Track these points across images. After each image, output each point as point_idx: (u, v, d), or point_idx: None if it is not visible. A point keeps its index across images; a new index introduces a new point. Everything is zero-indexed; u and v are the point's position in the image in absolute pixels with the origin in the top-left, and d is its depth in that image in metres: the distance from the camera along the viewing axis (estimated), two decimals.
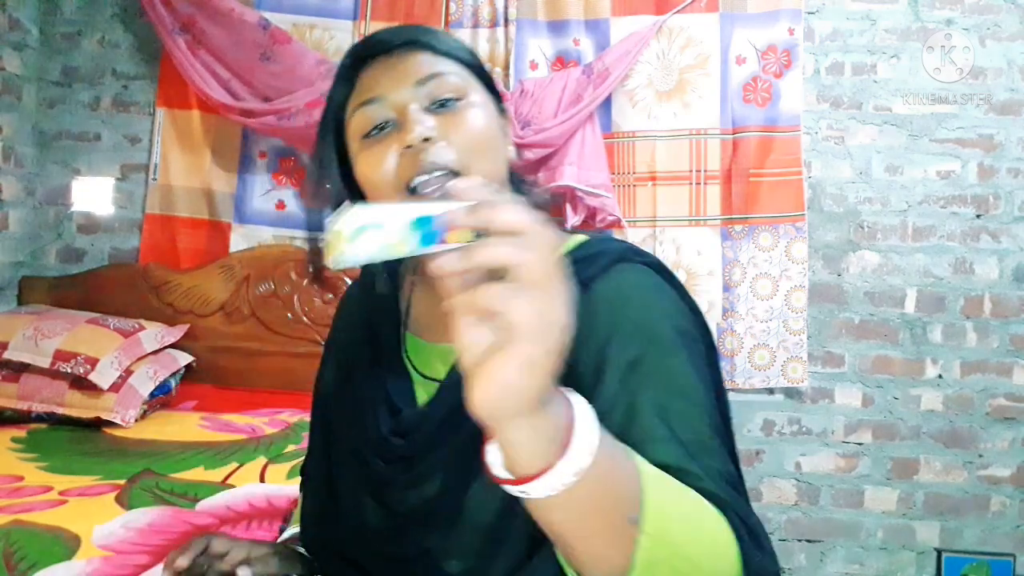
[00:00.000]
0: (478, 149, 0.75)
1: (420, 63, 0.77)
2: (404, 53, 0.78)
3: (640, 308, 0.72)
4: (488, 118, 0.77)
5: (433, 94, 0.76)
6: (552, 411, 0.51)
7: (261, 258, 2.55)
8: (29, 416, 2.09)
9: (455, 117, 0.75)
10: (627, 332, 0.70)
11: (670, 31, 2.49)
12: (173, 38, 2.46)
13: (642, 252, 0.78)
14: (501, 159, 0.78)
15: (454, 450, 0.74)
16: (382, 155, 0.75)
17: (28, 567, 1.27)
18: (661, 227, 2.49)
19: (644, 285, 0.74)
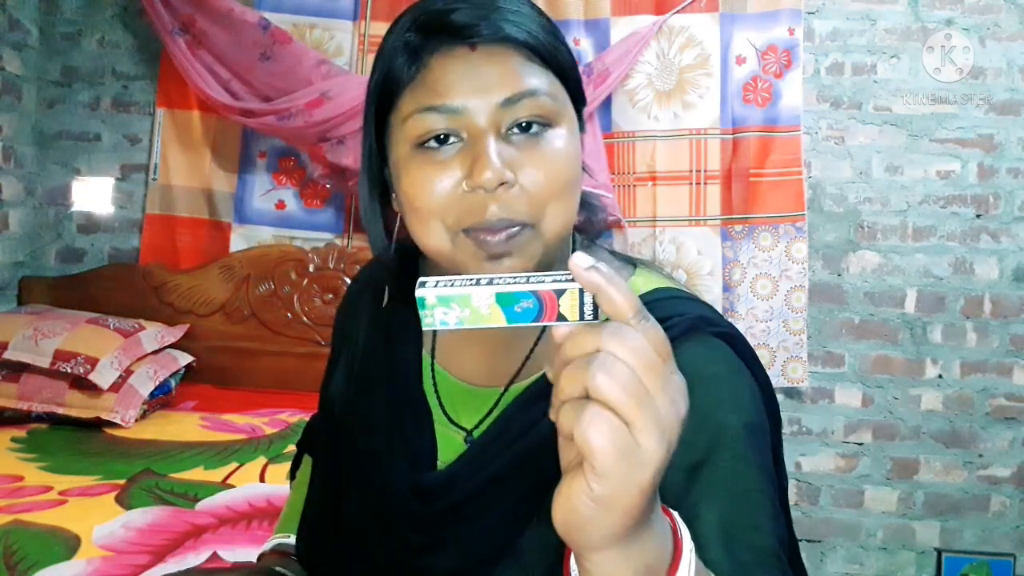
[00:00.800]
0: (556, 198, 0.62)
1: (513, 72, 0.61)
2: (493, 49, 0.61)
3: (708, 399, 0.59)
4: (575, 154, 0.64)
5: (520, 116, 0.61)
6: (647, 543, 0.44)
7: (261, 258, 2.55)
8: (29, 416, 2.08)
9: (539, 154, 0.61)
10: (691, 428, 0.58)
11: (670, 31, 2.49)
12: (173, 38, 2.46)
13: (717, 320, 0.66)
14: (577, 197, 0.65)
15: (485, 526, 0.65)
16: (437, 180, 0.61)
17: (28, 567, 1.27)
18: (661, 227, 2.49)
19: (715, 367, 0.63)
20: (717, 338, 0.65)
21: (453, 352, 0.74)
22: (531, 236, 0.62)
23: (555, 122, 0.63)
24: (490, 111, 0.61)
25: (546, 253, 0.63)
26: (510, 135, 0.62)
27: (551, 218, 0.62)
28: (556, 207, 0.62)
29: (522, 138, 0.62)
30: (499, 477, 0.65)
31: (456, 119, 0.61)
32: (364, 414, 0.76)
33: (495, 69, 0.61)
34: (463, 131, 0.61)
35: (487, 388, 0.70)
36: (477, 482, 0.66)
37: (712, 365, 0.63)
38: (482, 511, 0.66)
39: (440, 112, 0.61)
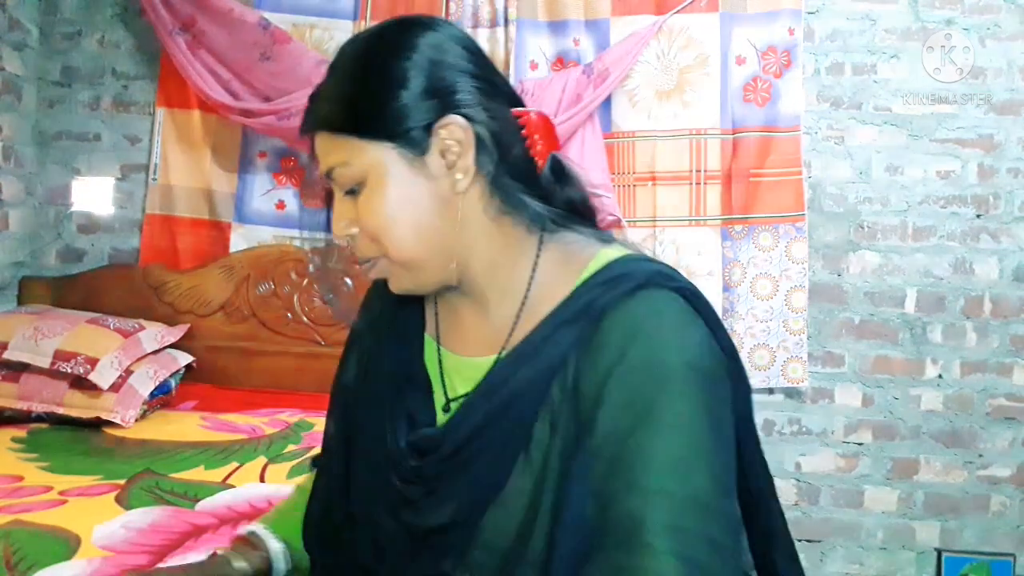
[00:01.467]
0: (386, 236, 0.73)
1: (323, 152, 0.74)
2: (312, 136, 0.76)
3: (652, 341, 0.65)
4: (389, 199, 0.72)
5: (341, 184, 0.74)
6: None
7: (261, 258, 2.55)
8: (29, 416, 2.08)
9: (361, 209, 0.73)
10: (631, 368, 0.65)
11: (670, 31, 2.49)
12: (173, 38, 2.46)
13: (673, 276, 0.71)
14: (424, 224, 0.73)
15: (473, 475, 0.72)
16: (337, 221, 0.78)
17: (28, 567, 1.27)
18: (661, 227, 2.49)
19: (663, 315, 0.68)
20: (672, 292, 0.69)
21: (451, 330, 0.82)
22: (387, 263, 0.75)
23: (363, 182, 0.73)
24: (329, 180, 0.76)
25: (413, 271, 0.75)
26: (346, 195, 0.75)
27: (393, 251, 0.73)
28: (392, 243, 0.73)
29: (352, 197, 0.74)
30: (481, 427, 0.72)
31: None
32: (371, 394, 0.83)
33: (317, 150, 0.75)
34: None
35: (484, 358, 0.77)
36: (463, 433, 0.73)
37: (661, 313, 0.68)
38: (469, 461, 0.72)
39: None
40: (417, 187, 0.72)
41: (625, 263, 0.73)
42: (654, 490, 0.61)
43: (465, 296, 0.79)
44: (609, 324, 0.68)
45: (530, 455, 0.70)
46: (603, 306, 0.68)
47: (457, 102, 0.72)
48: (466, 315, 0.80)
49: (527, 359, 0.71)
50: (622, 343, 0.66)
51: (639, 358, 0.65)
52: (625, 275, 0.70)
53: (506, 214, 0.75)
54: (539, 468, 0.69)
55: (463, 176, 0.72)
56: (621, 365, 0.65)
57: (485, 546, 0.71)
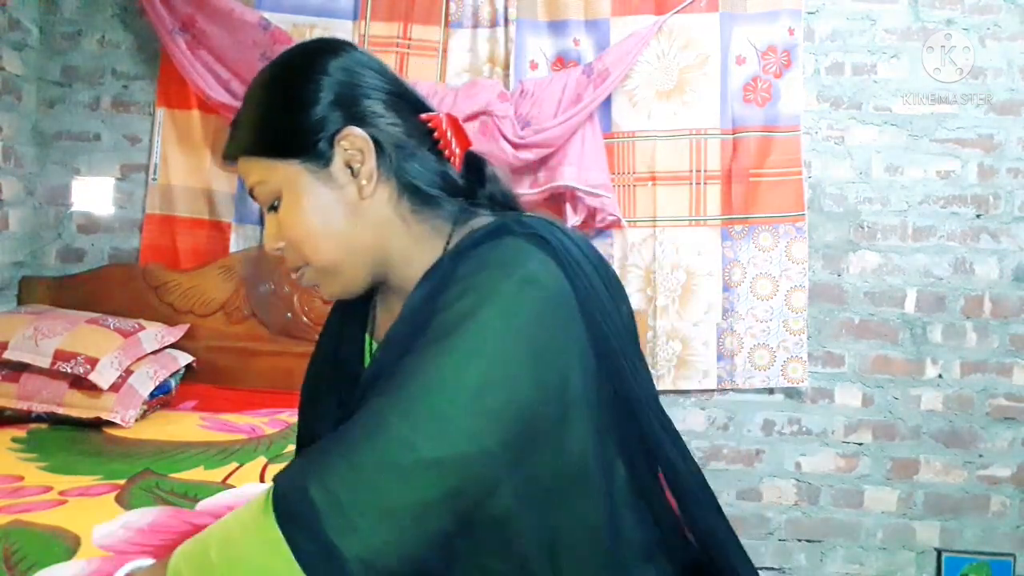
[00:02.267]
0: (305, 245, 0.79)
1: (243, 173, 0.82)
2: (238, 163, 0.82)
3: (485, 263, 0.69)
4: (305, 210, 0.78)
5: (262, 202, 0.81)
6: None
7: (261, 258, 2.55)
8: (29, 416, 2.08)
9: (281, 223, 0.80)
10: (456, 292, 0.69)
11: (670, 31, 2.49)
12: (173, 38, 2.46)
13: (529, 224, 0.73)
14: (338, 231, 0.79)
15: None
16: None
17: (28, 567, 1.27)
18: (661, 227, 2.49)
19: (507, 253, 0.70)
20: (527, 236, 0.71)
21: (385, 324, 0.87)
22: (312, 271, 0.81)
23: (280, 196, 0.79)
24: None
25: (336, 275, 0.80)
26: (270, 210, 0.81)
27: (314, 258, 0.79)
28: (310, 251, 0.79)
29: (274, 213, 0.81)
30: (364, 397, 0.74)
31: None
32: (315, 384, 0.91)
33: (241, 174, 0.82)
34: None
35: None
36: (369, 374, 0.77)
37: (504, 251, 0.70)
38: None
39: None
40: (326, 196, 0.78)
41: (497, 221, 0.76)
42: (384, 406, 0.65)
43: (394, 292, 0.84)
44: (453, 265, 0.72)
45: None
46: (454, 253, 0.74)
47: (356, 115, 0.78)
48: (396, 310, 0.81)
49: (398, 324, 0.75)
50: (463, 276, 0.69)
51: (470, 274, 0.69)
52: (480, 229, 0.75)
53: (417, 212, 0.80)
54: None
55: (367, 182, 0.78)
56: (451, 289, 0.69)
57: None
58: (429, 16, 2.54)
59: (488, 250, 0.71)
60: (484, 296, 0.66)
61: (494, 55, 2.54)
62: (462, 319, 0.65)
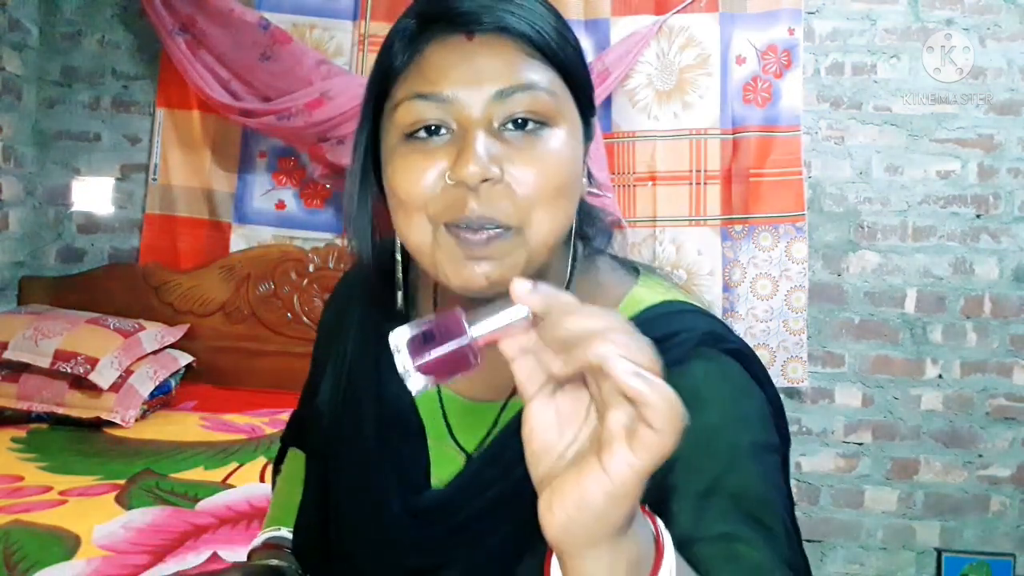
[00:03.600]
0: (546, 202, 0.58)
1: (510, 63, 0.59)
2: (491, 39, 0.59)
3: (717, 419, 0.58)
4: (571, 157, 0.60)
5: (514, 111, 0.58)
6: (633, 543, 0.43)
7: (261, 258, 2.55)
8: (29, 416, 2.08)
9: (532, 152, 0.58)
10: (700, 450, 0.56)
11: (670, 31, 2.49)
12: (173, 38, 2.46)
13: (727, 336, 0.64)
14: (571, 208, 0.62)
15: (486, 551, 0.63)
16: (422, 171, 0.59)
17: (28, 567, 1.27)
18: (661, 227, 2.49)
19: (725, 386, 0.61)
20: (727, 355, 0.63)
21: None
22: (515, 242, 0.59)
23: (553, 121, 0.60)
24: (482, 102, 0.58)
25: (531, 261, 0.60)
26: (503, 130, 0.59)
27: (538, 224, 0.59)
28: (545, 212, 0.59)
29: (516, 135, 0.59)
30: (499, 500, 0.63)
31: (446, 108, 0.59)
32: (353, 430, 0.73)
33: (491, 60, 0.59)
34: (453, 122, 0.59)
35: (487, 403, 0.68)
36: (477, 505, 0.64)
37: (722, 384, 0.61)
38: (483, 535, 0.64)
39: (430, 100, 0.59)
40: (579, 165, 0.63)
41: (676, 319, 0.64)
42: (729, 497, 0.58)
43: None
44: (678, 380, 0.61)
45: None
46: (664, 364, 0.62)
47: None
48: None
49: None
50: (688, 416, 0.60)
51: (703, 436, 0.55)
52: (682, 332, 0.62)
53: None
54: None
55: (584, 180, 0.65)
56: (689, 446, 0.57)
57: None
58: None
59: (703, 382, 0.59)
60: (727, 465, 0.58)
61: None
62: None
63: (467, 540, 0.64)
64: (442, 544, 0.66)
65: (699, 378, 0.59)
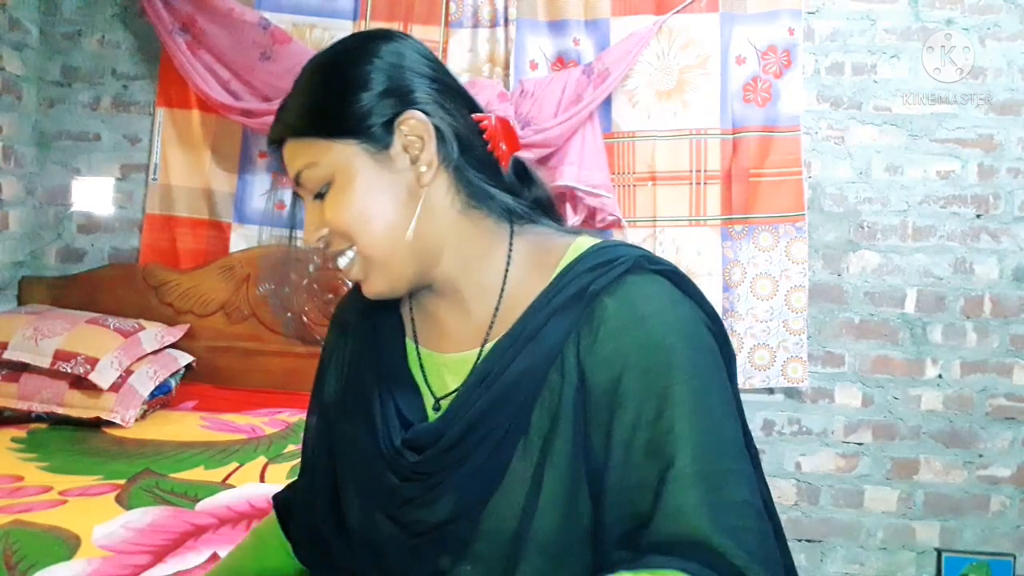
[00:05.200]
0: (356, 230, 0.74)
1: (290, 158, 0.77)
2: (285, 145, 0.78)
3: (658, 328, 0.69)
4: (352, 193, 0.74)
5: (309, 188, 0.76)
6: None
7: (261, 258, 2.55)
8: (29, 416, 2.09)
9: (328, 208, 0.75)
10: (645, 362, 0.68)
11: (670, 31, 2.49)
12: (173, 38, 2.46)
13: (656, 259, 0.75)
14: (387, 217, 0.75)
15: (473, 465, 0.73)
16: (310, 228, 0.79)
17: (28, 567, 1.27)
18: (661, 227, 2.49)
19: (659, 299, 0.71)
20: (658, 275, 0.73)
21: (429, 330, 0.83)
22: (360, 263, 0.76)
23: (331, 181, 0.75)
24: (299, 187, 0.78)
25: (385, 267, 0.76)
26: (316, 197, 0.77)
27: (365, 245, 0.75)
28: (362, 236, 0.74)
29: (320, 200, 0.76)
30: (480, 418, 0.73)
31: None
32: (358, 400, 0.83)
33: (287, 158, 0.78)
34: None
35: (467, 352, 0.78)
36: (462, 426, 0.73)
37: (656, 298, 0.72)
38: (469, 452, 0.73)
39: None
40: (383, 180, 0.75)
41: (607, 249, 0.76)
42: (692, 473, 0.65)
43: (440, 296, 0.80)
44: (604, 309, 0.71)
45: (529, 440, 0.71)
46: (596, 291, 0.71)
47: (416, 100, 0.75)
48: (443, 314, 0.81)
49: (521, 347, 0.73)
50: (626, 333, 0.69)
51: (649, 350, 0.68)
52: (613, 260, 0.73)
53: (474, 207, 0.77)
54: (538, 452, 0.71)
55: (427, 168, 0.75)
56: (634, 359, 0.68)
57: (487, 536, 0.72)
58: (429, 16, 2.54)
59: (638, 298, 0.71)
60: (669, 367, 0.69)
61: (494, 55, 2.54)
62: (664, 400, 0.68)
63: (456, 459, 0.74)
64: (435, 467, 0.75)
65: (636, 293, 0.71)
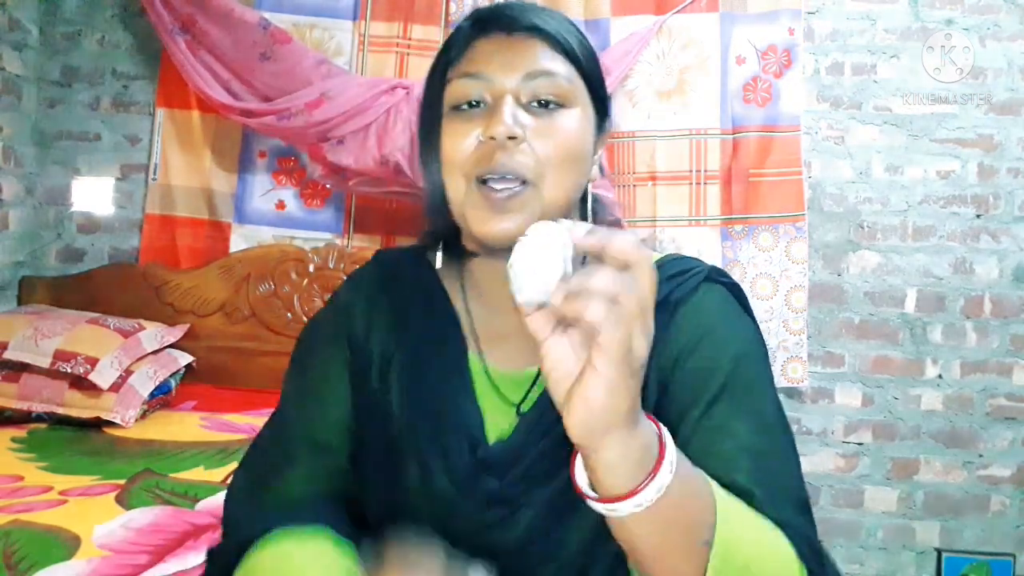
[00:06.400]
0: (559, 164, 0.72)
1: (537, 55, 0.74)
2: (525, 37, 0.75)
3: (727, 331, 0.76)
4: (582, 134, 0.74)
5: (537, 92, 0.73)
6: (640, 433, 0.56)
7: (261, 258, 2.55)
8: (29, 416, 2.08)
9: (550, 124, 0.72)
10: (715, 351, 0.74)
11: (670, 31, 2.49)
12: (173, 38, 2.46)
13: (725, 273, 0.81)
14: (580, 177, 0.75)
15: (554, 487, 0.72)
16: (463, 134, 0.73)
17: (28, 567, 1.27)
18: (661, 227, 2.49)
19: (730, 307, 0.79)
20: (726, 287, 0.80)
21: (492, 345, 0.80)
22: (531, 195, 0.71)
23: (569, 103, 0.74)
24: (513, 82, 0.73)
25: (544, 215, 0.70)
26: (530, 106, 0.73)
27: (552, 182, 0.72)
28: (558, 173, 0.72)
29: (539, 110, 0.73)
30: (555, 446, 0.71)
31: (485, 86, 0.73)
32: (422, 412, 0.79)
33: (523, 51, 0.74)
34: (489, 96, 0.74)
35: (528, 369, 0.78)
36: (539, 451, 0.73)
37: (727, 305, 0.79)
38: (550, 477, 0.72)
39: (472, 78, 0.74)
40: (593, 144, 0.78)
41: (684, 260, 0.81)
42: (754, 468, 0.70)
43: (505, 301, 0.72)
44: (682, 316, 0.75)
45: None
46: (677, 300, 0.76)
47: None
48: (506, 326, 0.78)
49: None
50: (699, 328, 0.75)
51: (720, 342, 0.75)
52: (690, 270, 0.78)
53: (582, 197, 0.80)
54: None
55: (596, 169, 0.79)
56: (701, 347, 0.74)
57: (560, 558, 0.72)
58: (429, 16, 2.54)
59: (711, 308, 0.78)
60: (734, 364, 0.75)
61: None
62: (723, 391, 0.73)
63: (537, 483, 0.73)
64: (517, 491, 0.73)
65: (711, 306, 0.77)
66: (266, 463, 0.86)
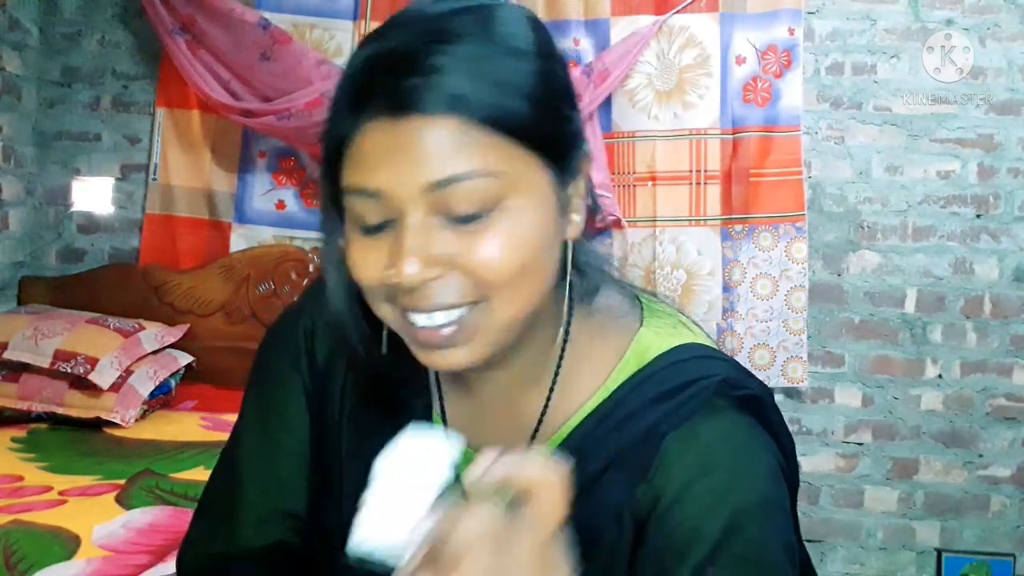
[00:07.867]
0: (506, 282, 0.54)
1: (434, 152, 0.51)
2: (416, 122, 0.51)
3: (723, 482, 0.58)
4: (531, 230, 0.54)
5: (449, 205, 0.52)
6: None
7: (261, 258, 2.55)
8: (29, 416, 2.09)
9: (480, 239, 0.53)
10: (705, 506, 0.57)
11: (670, 31, 2.49)
12: (173, 38, 2.46)
13: (741, 383, 0.62)
14: (542, 282, 0.57)
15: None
16: (373, 263, 0.55)
17: (28, 567, 1.27)
18: (661, 227, 2.49)
19: (734, 446, 0.60)
20: (741, 403, 0.61)
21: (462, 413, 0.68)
22: (482, 314, 0.55)
23: (502, 199, 0.53)
24: (416, 195, 0.52)
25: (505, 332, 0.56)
26: (447, 221, 0.53)
27: (504, 299, 0.54)
28: (507, 290, 0.54)
29: (459, 225, 0.53)
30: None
31: (380, 203, 0.53)
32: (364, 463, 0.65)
33: (415, 148, 0.51)
34: (394, 216, 0.53)
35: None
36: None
37: (731, 444, 0.60)
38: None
39: (365, 196, 0.54)
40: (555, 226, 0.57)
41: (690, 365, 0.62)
42: None
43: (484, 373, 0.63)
44: (669, 452, 0.59)
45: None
46: (664, 431, 0.60)
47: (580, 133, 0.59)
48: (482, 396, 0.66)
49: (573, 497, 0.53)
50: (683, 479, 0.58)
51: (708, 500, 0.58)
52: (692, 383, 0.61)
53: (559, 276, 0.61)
54: None
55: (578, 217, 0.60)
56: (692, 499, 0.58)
57: None
58: None
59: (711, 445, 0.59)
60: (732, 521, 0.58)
61: None
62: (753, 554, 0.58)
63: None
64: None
65: (708, 440, 0.59)
66: (217, 512, 0.74)
